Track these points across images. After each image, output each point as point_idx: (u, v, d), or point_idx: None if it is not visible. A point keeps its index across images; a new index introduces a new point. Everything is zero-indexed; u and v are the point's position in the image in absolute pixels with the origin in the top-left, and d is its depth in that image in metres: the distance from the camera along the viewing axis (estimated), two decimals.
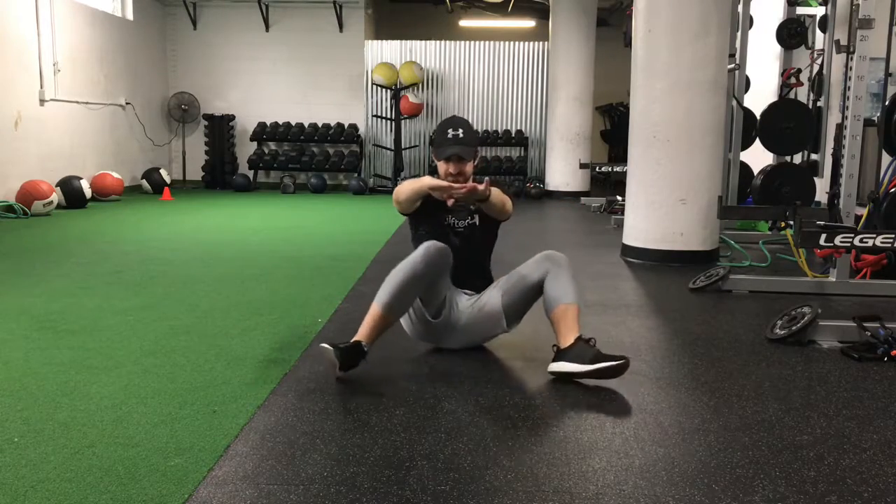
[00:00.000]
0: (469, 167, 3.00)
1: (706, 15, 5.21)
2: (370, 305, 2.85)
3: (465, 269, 3.11)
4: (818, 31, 7.24)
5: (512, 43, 12.16)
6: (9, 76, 8.19)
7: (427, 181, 2.84)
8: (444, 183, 2.83)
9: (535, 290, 2.97)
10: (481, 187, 2.77)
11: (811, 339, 3.38)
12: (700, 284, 4.55)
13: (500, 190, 3.00)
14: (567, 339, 2.80)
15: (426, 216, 3.10)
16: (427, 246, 2.83)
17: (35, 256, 5.50)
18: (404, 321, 3.11)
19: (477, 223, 3.13)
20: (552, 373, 2.81)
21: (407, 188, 2.95)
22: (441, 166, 3.01)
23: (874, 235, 3.81)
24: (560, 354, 2.80)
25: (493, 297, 3.05)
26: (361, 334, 2.81)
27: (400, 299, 2.82)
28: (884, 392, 2.78)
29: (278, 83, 12.00)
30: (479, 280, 3.18)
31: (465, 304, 3.08)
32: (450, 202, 2.91)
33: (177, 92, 11.81)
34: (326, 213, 8.86)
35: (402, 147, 11.81)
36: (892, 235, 3.80)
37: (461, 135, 2.97)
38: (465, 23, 14.26)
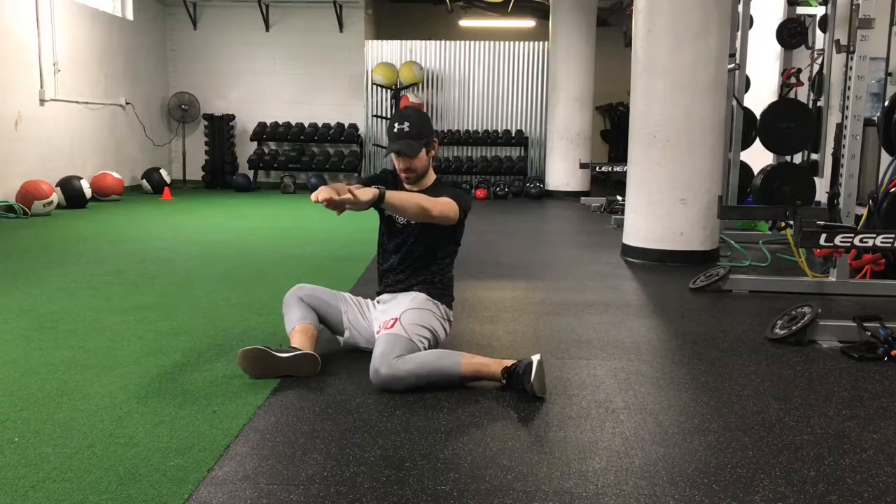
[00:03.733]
0: (418, 161, 2.95)
1: (706, 15, 5.21)
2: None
3: (400, 266, 3.07)
4: (818, 31, 7.24)
5: (512, 43, 12.16)
6: (9, 76, 8.19)
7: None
8: (314, 196, 2.61)
9: None
10: (338, 199, 2.57)
11: (811, 339, 3.38)
12: (700, 284, 4.55)
13: (417, 196, 2.84)
14: (495, 376, 2.71)
15: (379, 209, 3.12)
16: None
17: (35, 256, 5.50)
18: None
19: (414, 224, 3.03)
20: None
21: None
22: (394, 160, 3.02)
23: (874, 235, 3.81)
24: (514, 381, 2.67)
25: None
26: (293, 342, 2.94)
27: (288, 320, 3.02)
28: (884, 392, 2.78)
29: (278, 83, 12.00)
30: (414, 282, 3.06)
31: (380, 316, 3.05)
32: (338, 213, 2.73)
33: (177, 92, 11.81)
34: (326, 213, 8.81)
35: None
36: (892, 235, 3.80)
37: (406, 128, 2.93)
38: (465, 23, 14.26)
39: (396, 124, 2.96)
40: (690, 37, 5.21)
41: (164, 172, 10.85)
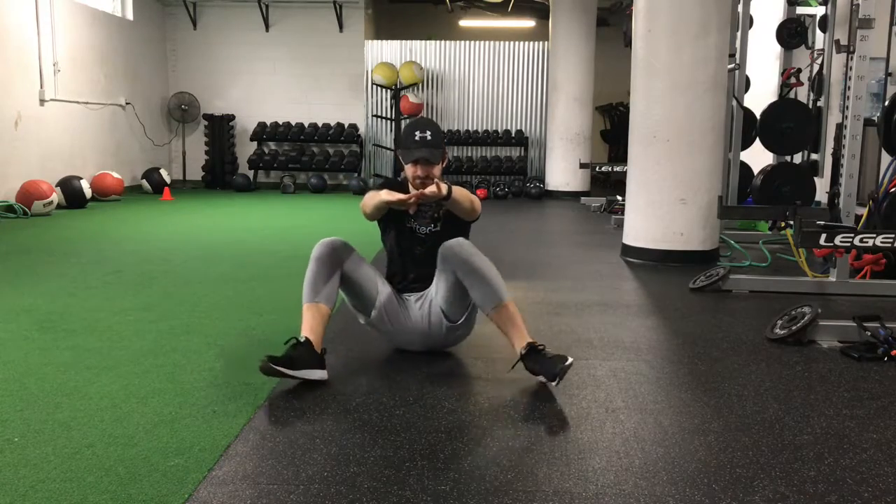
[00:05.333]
0: (437, 169, 2.96)
1: (706, 15, 5.21)
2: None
3: (423, 273, 3.08)
4: (818, 31, 7.24)
5: (512, 43, 12.16)
6: (9, 76, 8.19)
7: (383, 196, 2.78)
8: (396, 196, 2.75)
9: (459, 289, 2.92)
10: (428, 191, 2.69)
11: (811, 339, 3.38)
12: (700, 284, 4.55)
13: (465, 189, 2.95)
14: (519, 343, 2.77)
15: (392, 222, 3.11)
16: (319, 243, 2.92)
17: (35, 256, 5.50)
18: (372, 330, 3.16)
19: (439, 230, 3.08)
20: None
21: (369, 202, 2.91)
22: (409, 169, 2.96)
23: (874, 235, 3.81)
24: (528, 362, 2.75)
25: (430, 296, 3.04)
26: (305, 333, 2.78)
27: (313, 285, 2.85)
28: (884, 392, 2.78)
29: (278, 83, 12.00)
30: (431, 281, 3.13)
31: (414, 304, 3.07)
32: (411, 210, 2.95)
33: (177, 92, 11.81)
34: (326, 213, 8.86)
35: None
36: (892, 235, 3.80)
37: (428, 137, 2.92)
38: (465, 23, 14.26)
39: (418, 132, 2.93)
40: (690, 37, 5.21)
41: (164, 172, 10.84)
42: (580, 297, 4.33)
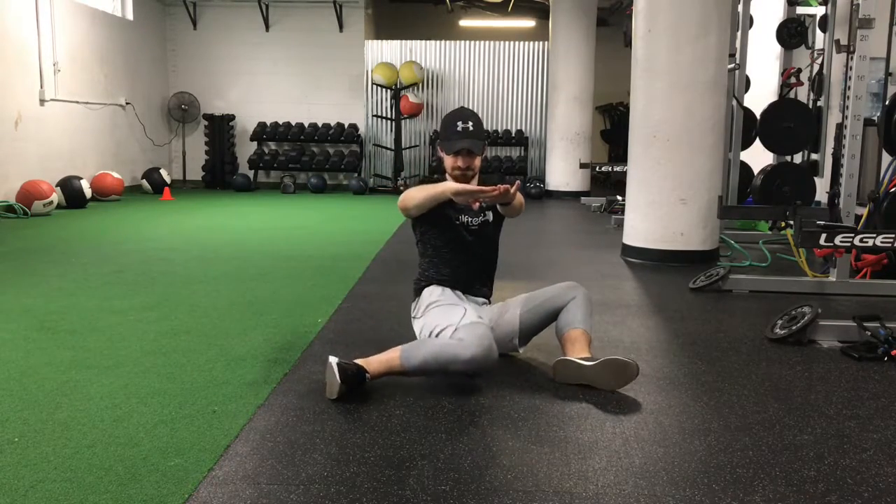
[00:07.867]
0: (477, 161, 2.88)
1: (706, 15, 5.21)
2: (393, 347, 2.71)
3: (478, 268, 3.04)
4: (818, 31, 7.24)
5: (512, 43, 12.17)
6: (9, 76, 8.19)
7: (450, 187, 2.68)
8: (471, 187, 2.66)
9: (555, 315, 2.94)
10: (512, 190, 2.63)
11: (811, 338, 3.38)
12: (700, 284, 4.55)
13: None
14: (582, 354, 2.80)
15: (435, 218, 2.93)
16: (478, 349, 2.58)
17: (35, 256, 5.50)
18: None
19: (490, 219, 3.02)
20: (559, 361, 2.77)
21: (420, 195, 2.77)
22: (448, 160, 2.89)
23: (874, 235, 3.81)
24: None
25: (509, 316, 2.97)
26: (371, 367, 2.64)
27: (425, 372, 2.69)
28: (884, 392, 2.78)
29: (278, 83, 12.00)
30: (488, 280, 3.11)
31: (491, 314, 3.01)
32: (475, 206, 2.86)
33: (177, 92, 11.81)
34: (326, 213, 8.85)
35: (403, 147, 11.81)
36: (892, 235, 3.80)
37: (470, 127, 2.85)
38: (465, 23, 14.26)
39: (460, 123, 2.86)
40: (690, 37, 5.21)
41: (164, 172, 10.84)
42: None
